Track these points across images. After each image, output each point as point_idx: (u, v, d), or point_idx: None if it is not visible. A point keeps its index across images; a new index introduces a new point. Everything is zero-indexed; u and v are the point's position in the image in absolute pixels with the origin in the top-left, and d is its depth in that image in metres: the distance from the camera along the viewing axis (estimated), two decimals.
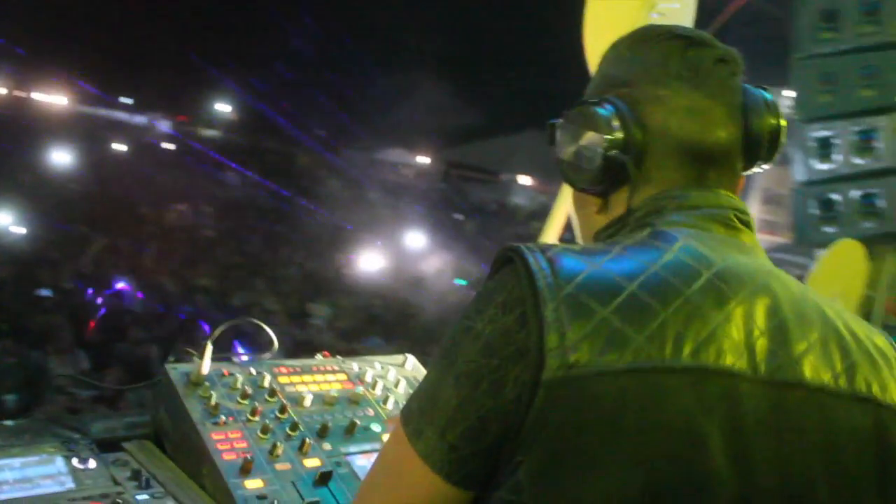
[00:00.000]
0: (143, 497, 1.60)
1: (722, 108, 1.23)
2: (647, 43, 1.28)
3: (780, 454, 1.05)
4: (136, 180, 15.88)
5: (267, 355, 1.97)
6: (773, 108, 1.29)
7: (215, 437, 1.67)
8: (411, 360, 2.13)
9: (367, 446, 1.81)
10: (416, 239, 14.52)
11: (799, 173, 6.19)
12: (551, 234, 3.08)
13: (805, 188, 6.17)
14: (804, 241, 6.94)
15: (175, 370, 1.78)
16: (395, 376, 2.05)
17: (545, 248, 1.10)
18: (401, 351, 2.16)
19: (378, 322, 10.76)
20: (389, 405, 1.96)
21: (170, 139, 21.03)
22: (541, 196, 18.83)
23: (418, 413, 1.10)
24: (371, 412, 1.92)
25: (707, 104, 1.22)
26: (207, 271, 11.87)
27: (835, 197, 6.08)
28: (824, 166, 5.73)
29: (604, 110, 1.22)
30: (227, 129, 22.29)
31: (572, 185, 1.30)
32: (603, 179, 1.24)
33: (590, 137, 1.22)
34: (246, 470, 1.61)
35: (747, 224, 1.23)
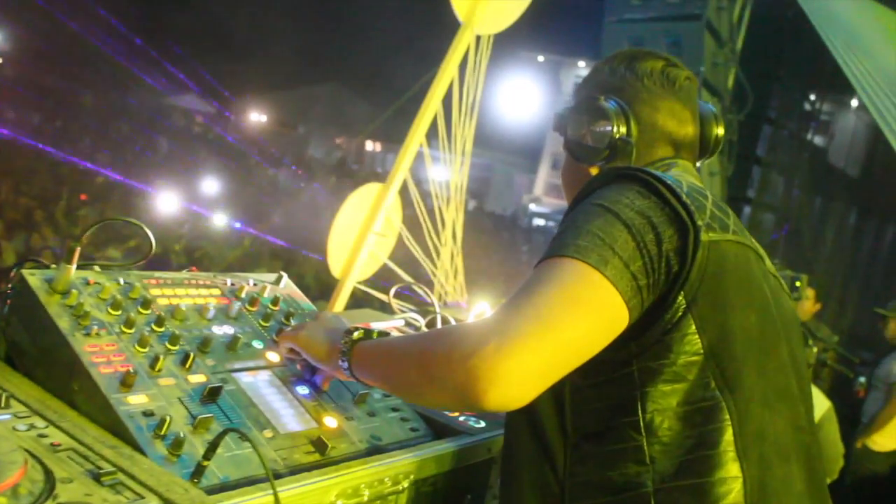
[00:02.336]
0: (4, 417, 1.39)
1: (690, 112, 1.68)
2: (635, 60, 1.68)
3: (785, 316, 1.52)
4: None
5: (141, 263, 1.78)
6: (718, 119, 1.77)
7: (88, 348, 1.49)
8: (285, 280, 2.00)
9: (250, 363, 1.68)
10: (207, 186, 13.97)
11: None
12: (389, 191, 3.02)
13: None
14: None
15: (34, 276, 1.57)
16: (272, 294, 1.92)
17: (646, 169, 1.46)
18: None
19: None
20: (269, 322, 1.82)
21: None
22: (337, 150, 18.68)
23: (596, 247, 1.30)
24: (250, 329, 1.78)
25: (681, 108, 1.67)
26: None
27: None
28: None
29: (609, 104, 1.63)
30: None
31: (580, 159, 1.68)
32: (607, 156, 1.63)
33: (600, 125, 1.62)
34: (127, 384, 1.45)
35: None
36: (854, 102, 12.71)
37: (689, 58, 6.97)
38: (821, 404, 4.73)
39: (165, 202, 11.84)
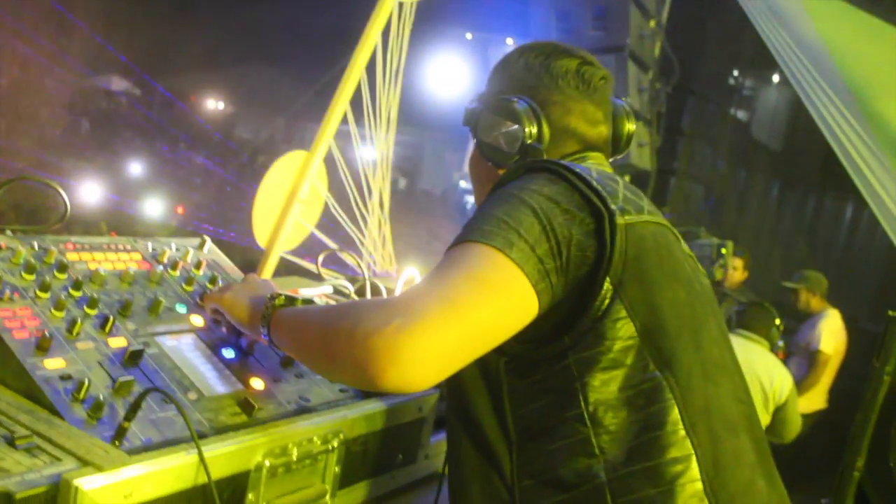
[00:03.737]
0: None
1: (603, 113, 1.68)
2: (550, 57, 1.66)
3: (701, 285, 1.53)
4: None
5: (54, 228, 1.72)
6: (630, 116, 1.76)
7: (0, 314, 1.43)
8: (209, 244, 1.96)
9: (174, 327, 1.64)
10: (132, 168, 13.67)
11: None
12: (314, 158, 2.98)
13: None
14: None
15: None
16: (195, 258, 1.88)
17: (555, 160, 1.50)
18: None
19: None
20: (192, 286, 1.78)
21: None
22: (264, 130, 18.41)
23: (501, 231, 1.30)
24: (173, 293, 1.74)
25: (594, 110, 1.66)
26: None
27: None
28: None
29: (521, 107, 1.60)
30: None
31: (490, 160, 1.67)
32: (517, 159, 1.61)
33: (510, 127, 1.60)
34: (43, 348, 1.40)
35: None
36: (776, 78, 12.98)
37: (615, 29, 7.03)
38: (786, 379, 4.84)
39: (88, 190, 11.57)
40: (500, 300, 1.26)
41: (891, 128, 4.66)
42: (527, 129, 1.59)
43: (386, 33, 3.03)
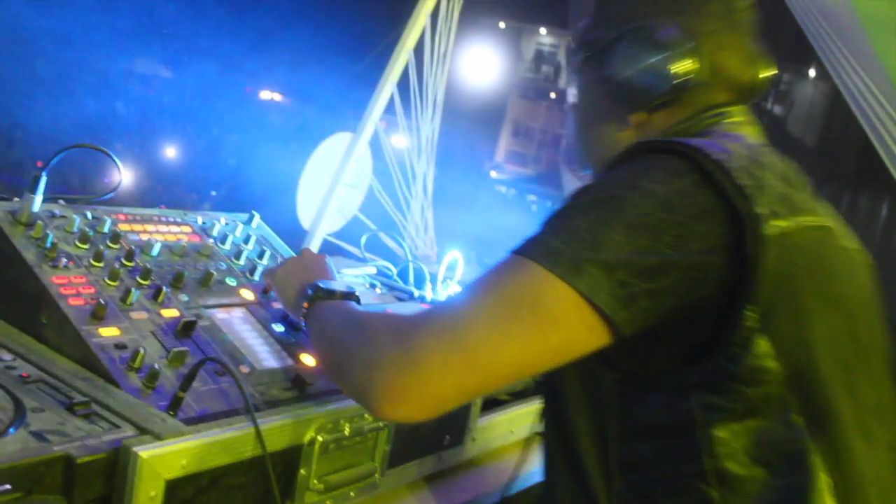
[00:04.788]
0: None
1: (757, 50, 1.36)
2: None
3: (868, 303, 1.26)
4: None
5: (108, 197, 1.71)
6: (771, 60, 1.42)
7: (56, 281, 1.43)
8: (257, 219, 1.95)
9: (224, 300, 1.63)
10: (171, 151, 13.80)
11: (570, 97, 6.41)
12: (359, 142, 2.97)
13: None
14: (571, 162, 7.25)
15: None
16: (244, 232, 1.87)
17: (683, 139, 1.17)
18: None
19: None
20: (242, 260, 1.77)
21: None
22: (297, 115, 18.45)
23: (573, 251, 1.07)
24: (224, 266, 1.73)
25: (750, 47, 1.35)
26: None
27: None
28: None
29: (673, 35, 1.29)
30: None
31: (625, 102, 1.34)
32: (663, 101, 1.31)
33: (660, 57, 1.28)
34: (98, 316, 1.39)
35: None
36: (812, 72, 12.83)
37: None
38: None
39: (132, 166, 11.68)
40: (541, 335, 1.07)
41: None
42: (682, 63, 1.28)
43: (433, 16, 3.00)
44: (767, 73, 1.38)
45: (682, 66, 1.28)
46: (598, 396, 1.22)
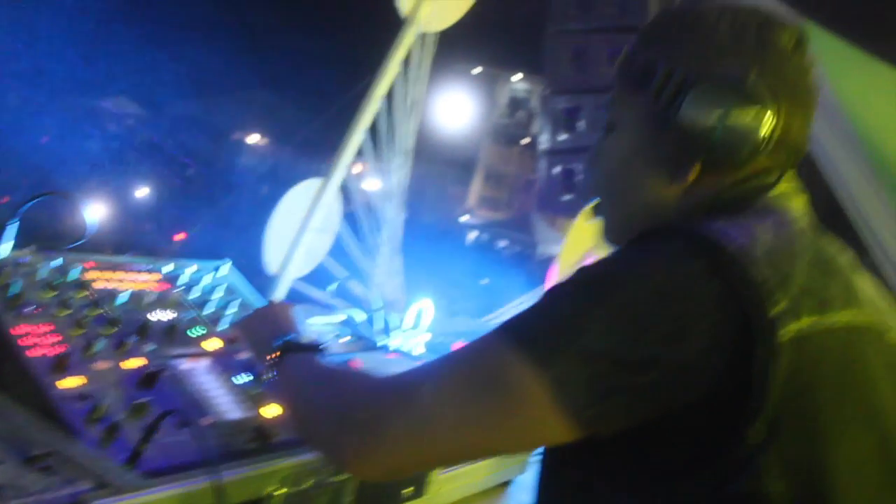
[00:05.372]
0: None
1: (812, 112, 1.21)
2: (766, 27, 1.18)
3: None
4: None
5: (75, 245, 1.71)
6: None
7: (19, 331, 1.42)
8: (227, 266, 1.96)
9: (190, 350, 1.63)
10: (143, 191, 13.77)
11: (544, 142, 6.45)
12: (329, 187, 2.99)
13: (549, 157, 6.38)
14: (544, 208, 7.23)
15: None
16: (212, 281, 1.87)
17: (698, 223, 1.05)
18: None
19: None
20: (209, 309, 1.78)
21: None
22: (270, 157, 18.50)
23: (551, 338, 0.99)
24: (191, 315, 1.73)
25: (812, 112, 1.20)
26: None
27: (576, 167, 6.37)
28: (567, 137, 6.04)
29: (764, 91, 1.13)
30: None
31: (698, 157, 1.15)
32: (736, 160, 1.14)
33: (751, 113, 1.12)
34: (61, 366, 1.39)
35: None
36: None
37: None
38: None
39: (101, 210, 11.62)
40: (504, 421, 1.02)
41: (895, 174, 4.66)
42: (768, 122, 1.12)
43: (403, 63, 3.04)
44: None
45: (767, 127, 1.12)
46: (560, 488, 1.16)
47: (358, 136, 2.94)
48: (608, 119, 1.28)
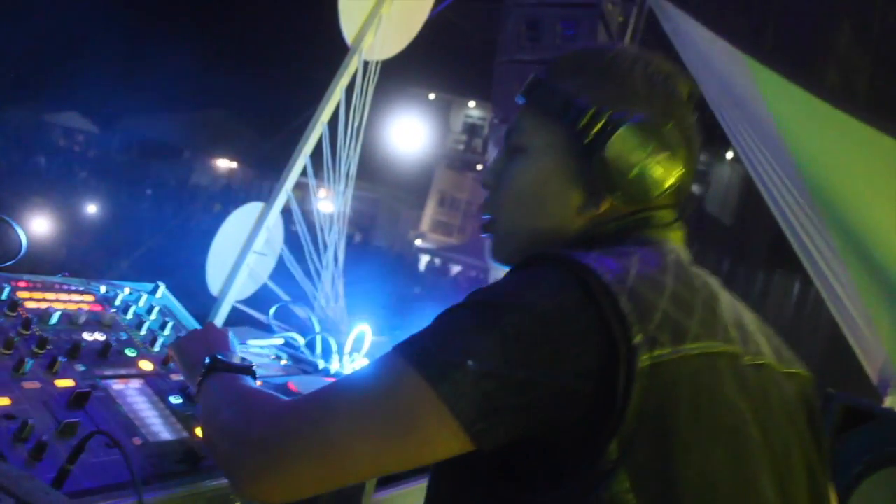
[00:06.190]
0: None
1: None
2: (672, 78, 1.31)
3: (774, 424, 1.16)
4: None
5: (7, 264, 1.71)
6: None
7: None
8: (163, 289, 1.96)
9: (122, 371, 1.63)
10: (91, 209, 13.60)
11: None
12: (272, 210, 3.02)
13: None
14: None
15: None
16: (147, 303, 1.88)
17: (578, 253, 1.12)
18: None
19: None
20: (143, 331, 1.78)
21: None
22: (222, 178, 18.38)
23: (444, 355, 1.05)
24: (124, 336, 1.74)
25: (696, 163, 1.32)
26: None
27: None
28: None
29: (679, 140, 1.25)
30: None
31: (609, 187, 1.24)
32: (646, 198, 1.24)
33: (663, 157, 1.23)
34: None
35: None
36: (729, 154, 13.31)
37: None
38: None
39: (40, 227, 11.45)
40: (398, 436, 1.07)
41: (837, 208, 4.76)
42: (679, 169, 1.25)
43: (350, 89, 3.08)
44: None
45: (678, 172, 1.25)
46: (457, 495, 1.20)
47: (300, 161, 2.96)
48: (513, 142, 1.35)
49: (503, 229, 1.35)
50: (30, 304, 1.65)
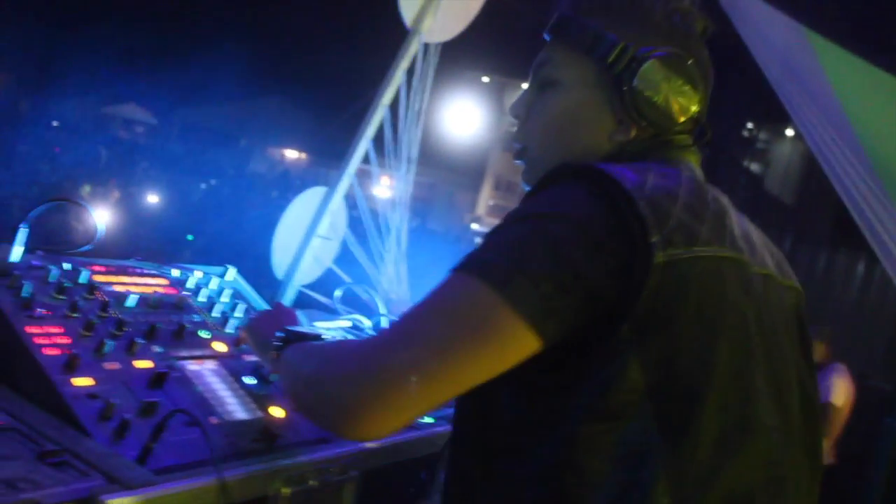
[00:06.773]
0: None
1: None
2: (690, 15, 1.41)
3: (772, 328, 1.28)
4: None
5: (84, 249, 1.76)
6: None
7: (31, 331, 1.46)
8: (233, 272, 2.00)
9: (197, 352, 1.67)
10: (152, 198, 13.85)
11: None
12: (335, 195, 3.04)
13: None
14: None
15: None
16: (218, 285, 1.91)
17: (602, 164, 1.22)
18: None
19: None
20: (215, 313, 1.82)
21: None
22: (279, 165, 18.54)
23: (503, 263, 1.13)
24: (197, 318, 1.77)
25: (709, 95, 1.42)
26: None
27: None
28: None
29: (701, 76, 1.38)
30: None
31: (640, 119, 1.35)
32: (669, 126, 1.36)
33: (687, 90, 1.36)
34: (72, 366, 1.43)
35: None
36: (790, 132, 13.07)
37: None
38: None
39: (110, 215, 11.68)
40: (480, 345, 1.12)
41: None
42: (703, 102, 1.39)
43: (409, 72, 3.09)
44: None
45: (701, 105, 1.38)
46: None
47: (363, 145, 2.98)
48: (543, 75, 1.44)
49: (537, 156, 1.44)
50: (107, 288, 1.69)
